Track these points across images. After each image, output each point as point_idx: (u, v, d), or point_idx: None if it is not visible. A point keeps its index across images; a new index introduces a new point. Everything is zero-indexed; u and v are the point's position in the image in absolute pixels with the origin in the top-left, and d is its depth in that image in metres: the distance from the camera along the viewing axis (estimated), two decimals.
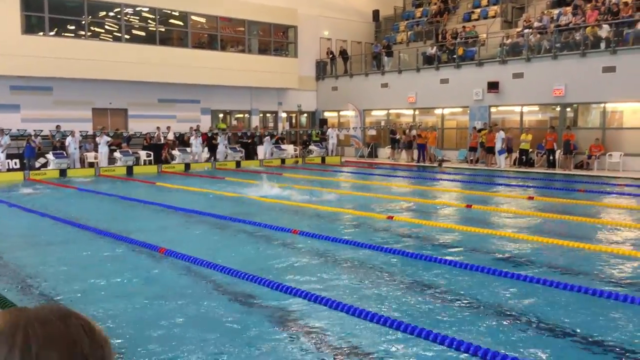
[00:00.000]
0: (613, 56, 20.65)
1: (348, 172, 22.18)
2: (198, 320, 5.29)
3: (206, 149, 24.44)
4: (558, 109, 22.73)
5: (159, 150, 23.21)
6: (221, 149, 24.49)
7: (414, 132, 25.51)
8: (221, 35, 27.35)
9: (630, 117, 21.16)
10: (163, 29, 25.63)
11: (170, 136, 24.23)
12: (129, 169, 21.19)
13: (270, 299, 5.82)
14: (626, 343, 4.69)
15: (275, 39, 29.33)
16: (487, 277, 6.51)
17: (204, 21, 27.18)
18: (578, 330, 4.94)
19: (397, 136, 26.89)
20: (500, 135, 22.28)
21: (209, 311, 5.54)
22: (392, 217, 10.48)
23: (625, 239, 9.14)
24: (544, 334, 4.90)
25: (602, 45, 21.13)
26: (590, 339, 4.76)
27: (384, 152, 28.17)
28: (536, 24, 24.12)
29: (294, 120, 31.89)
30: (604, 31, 21.21)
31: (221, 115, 28.99)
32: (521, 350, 4.53)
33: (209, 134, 25.02)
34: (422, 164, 24.53)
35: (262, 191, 14.56)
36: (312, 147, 27.83)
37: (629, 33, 20.61)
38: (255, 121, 29.08)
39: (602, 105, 21.48)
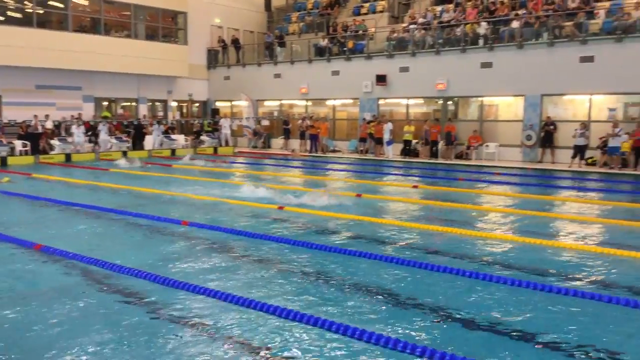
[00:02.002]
0: (490, 52, 22.04)
1: (240, 162, 22.00)
2: (78, 321, 5.02)
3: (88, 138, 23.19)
4: (441, 102, 23.91)
5: (36, 140, 21.69)
6: (103, 138, 23.33)
7: (307, 122, 25.76)
8: (105, 19, 25.99)
9: (505, 110, 22.73)
10: (41, 11, 23.91)
11: (49, 125, 22.74)
12: (3, 160, 19.66)
13: (158, 293, 5.66)
14: (493, 319, 5.04)
15: (164, 25, 28.36)
16: (379, 264, 6.75)
17: (87, 4, 25.69)
18: (448, 307, 5.24)
19: (290, 126, 27.06)
20: (388, 126, 23.08)
21: (90, 310, 5.28)
22: (282, 208, 10.54)
23: (499, 223, 9.82)
24: (432, 317, 5.15)
25: (481, 42, 22.49)
26: (459, 315, 5.07)
27: (277, 143, 28.23)
28: (421, 20, 25.17)
29: (184, 110, 31.07)
30: (482, 28, 22.57)
31: (105, 104, 27.62)
32: (413, 334, 4.73)
33: (92, 123, 23.75)
34: (314, 154, 24.88)
35: (151, 182, 14.08)
36: (203, 137, 27.28)
37: (504, 31, 22.07)
38: (143, 110, 28.00)
39: (480, 99, 22.89)
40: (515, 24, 21.81)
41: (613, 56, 19.31)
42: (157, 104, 29.41)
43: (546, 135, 20.48)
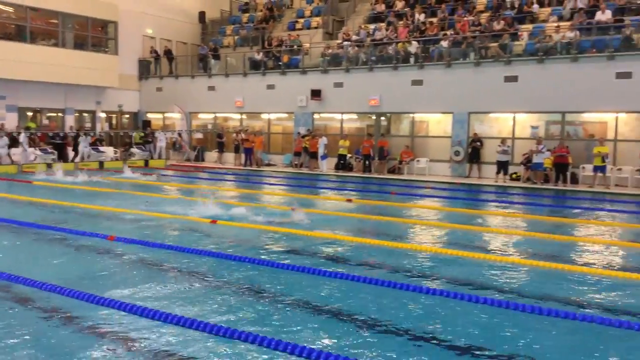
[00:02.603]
0: (421, 70, 22.70)
1: (172, 175, 21.56)
2: None
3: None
4: (374, 117, 24.37)
5: None
6: (23, 149, 22.18)
7: (242, 135, 25.60)
8: (31, 27, 25.00)
9: (435, 126, 23.44)
10: None
11: None
12: None
13: (82, 310, 5.43)
14: (418, 329, 5.15)
15: (93, 34, 27.54)
16: (310, 277, 6.76)
17: (11, 10, 24.63)
18: (378, 318, 5.32)
19: (224, 140, 26.81)
20: (323, 141, 23.30)
21: (12, 327, 5.01)
22: (215, 222, 10.41)
23: (430, 236, 10.07)
24: (364, 330, 5.20)
25: (412, 60, 23.14)
26: (384, 326, 5.15)
27: (211, 156, 27.89)
28: (354, 37, 25.64)
29: (114, 121, 30.19)
30: (413, 47, 23.24)
31: (30, 114, 26.46)
32: (348, 348, 4.75)
33: (14, 134, 22.66)
34: (248, 167, 24.73)
35: (76, 196, 13.57)
36: (134, 149, 26.58)
37: (434, 50, 22.81)
38: (70, 121, 26.99)
39: (411, 115, 23.50)
40: (444, 44, 22.59)
41: (535, 76, 20.32)
42: (84, 114, 28.43)
43: (473, 151, 21.23)
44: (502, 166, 20.11)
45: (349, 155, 23.78)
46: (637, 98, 18.43)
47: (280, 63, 26.53)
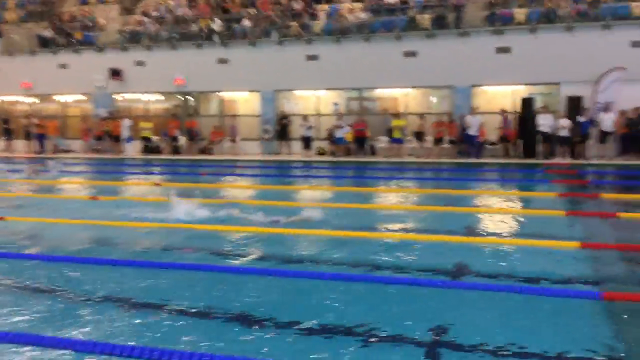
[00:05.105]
0: (226, 49, 22.56)
1: None
2: None
3: None
4: (181, 97, 23.71)
5: None
6: None
7: (33, 120, 23.24)
8: None
9: (244, 105, 23.57)
10: None
11: None
12: None
13: None
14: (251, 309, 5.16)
15: None
16: (132, 270, 6.35)
17: None
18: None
19: (11, 126, 24.13)
20: (126, 123, 22.13)
21: None
22: (2, 218, 9.33)
23: (244, 216, 10.06)
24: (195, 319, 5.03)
25: (216, 38, 22.86)
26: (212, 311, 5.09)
27: None
28: (154, 13, 24.57)
29: None
30: (217, 25, 22.96)
31: None
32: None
33: None
34: (42, 155, 22.58)
35: None
36: None
37: (237, 28, 22.77)
38: None
39: (219, 94, 23.32)
40: (246, 22, 22.65)
41: (334, 55, 21.36)
42: None
43: (282, 129, 21.78)
44: (307, 142, 20.92)
45: (155, 137, 22.90)
46: (422, 75, 20.34)
47: (73, 40, 24.48)
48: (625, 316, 4.85)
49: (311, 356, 3.99)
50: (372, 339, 4.30)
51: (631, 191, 12.16)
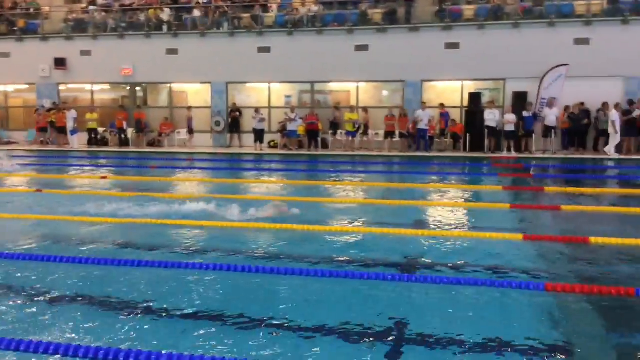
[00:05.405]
0: (175, 39, 22.13)
1: None
2: None
3: None
4: (128, 88, 23.15)
5: None
6: None
7: None
8: None
9: (195, 97, 23.16)
10: None
11: None
12: None
13: None
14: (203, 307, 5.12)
15: None
16: (67, 266, 6.18)
17: None
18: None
19: None
20: (72, 114, 21.46)
21: None
22: None
23: (194, 209, 9.91)
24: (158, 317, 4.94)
25: (165, 28, 22.40)
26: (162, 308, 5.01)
27: None
28: (100, 2, 23.89)
29: None
30: (166, 15, 22.50)
31: None
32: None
33: None
34: None
35: None
36: None
37: (187, 18, 22.38)
38: None
39: (169, 85, 22.89)
40: (197, 13, 22.29)
41: (286, 48, 21.26)
42: None
43: (233, 121, 21.57)
44: (259, 134, 20.79)
45: (102, 129, 22.30)
46: (374, 69, 20.49)
47: (15, 28, 23.54)
48: (566, 306, 5.05)
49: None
50: (321, 333, 4.34)
51: (574, 184, 12.63)
